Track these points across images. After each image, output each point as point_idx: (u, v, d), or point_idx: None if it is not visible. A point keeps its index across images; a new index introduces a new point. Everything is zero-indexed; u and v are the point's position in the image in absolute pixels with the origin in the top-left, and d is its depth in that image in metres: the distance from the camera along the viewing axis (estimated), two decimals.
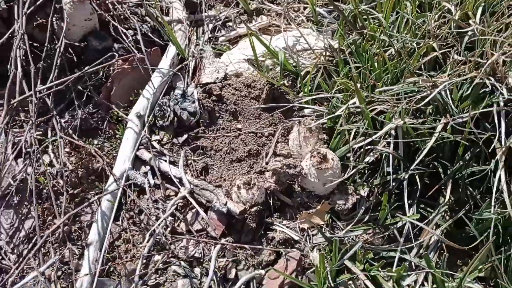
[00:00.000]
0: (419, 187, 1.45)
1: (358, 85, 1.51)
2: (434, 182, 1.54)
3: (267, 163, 1.63)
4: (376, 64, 1.70)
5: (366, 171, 1.60)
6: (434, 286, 1.41)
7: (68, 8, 1.75)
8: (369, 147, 1.51)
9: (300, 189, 1.59)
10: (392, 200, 1.52)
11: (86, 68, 1.68)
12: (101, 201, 1.52)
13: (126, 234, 1.50)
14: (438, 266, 1.44)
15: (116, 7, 1.97)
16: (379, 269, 1.42)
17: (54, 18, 1.79)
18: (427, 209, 1.55)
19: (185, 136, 1.72)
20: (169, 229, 1.50)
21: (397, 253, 1.45)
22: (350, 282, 1.43)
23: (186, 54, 1.95)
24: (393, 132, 1.51)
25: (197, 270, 1.45)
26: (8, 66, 1.65)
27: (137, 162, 1.68)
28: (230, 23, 2.12)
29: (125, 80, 1.78)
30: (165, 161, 1.65)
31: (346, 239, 1.48)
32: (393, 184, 1.51)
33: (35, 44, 1.77)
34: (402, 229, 1.50)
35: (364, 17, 1.91)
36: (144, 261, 1.43)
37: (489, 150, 1.42)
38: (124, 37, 1.83)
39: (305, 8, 2.13)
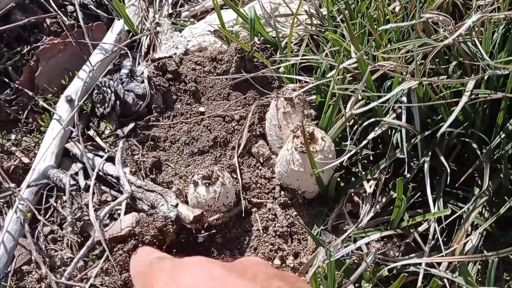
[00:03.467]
0: (448, 171, 1.02)
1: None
2: (463, 166, 1.13)
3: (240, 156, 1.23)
4: (376, 26, 1.31)
5: (371, 157, 1.19)
6: None
7: None
8: (372, 120, 1.10)
9: (280, 188, 1.18)
10: (408, 194, 1.10)
11: None
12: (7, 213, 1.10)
13: (40, 256, 1.08)
14: (478, 281, 1.02)
15: None
16: None
17: None
18: (457, 203, 1.13)
19: (132, 125, 1.32)
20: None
21: (422, 267, 1.02)
22: None
23: (138, 30, 1.57)
24: (404, 99, 1.10)
25: None
26: None
27: (67, 160, 1.27)
28: None
29: (56, 59, 1.39)
30: (102, 157, 1.24)
31: (347, 250, 1.05)
32: (409, 174, 1.11)
33: None
34: (426, 233, 1.08)
35: None
36: None
37: None
38: (49, 5, 1.45)
39: None
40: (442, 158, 1.07)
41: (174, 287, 0.51)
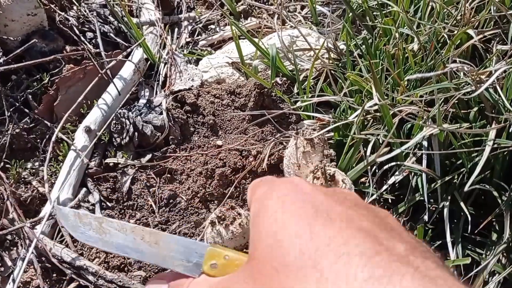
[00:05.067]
0: (469, 218, 1.02)
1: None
2: (480, 209, 1.13)
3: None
4: (394, 64, 1.32)
5: (390, 200, 1.19)
6: None
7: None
8: (392, 164, 1.10)
9: None
10: (427, 239, 1.10)
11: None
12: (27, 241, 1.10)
13: None
14: None
15: (73, 4, 1.63)
16: None
17: None
18: (475, 249, 1.12)
19: (149, 156, 1.32)
20: None
21: None
22: None
23: (156, 59, 1.58)
24: (425, 143, 1.11)
25: None
26: None
27: (84, 190, 1.27)
28: (213, 26, 1.77)
29: (75, 88, 1.40)
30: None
31: None
32: (426, 216, 1.10)
33: None
34: None
35: (374, 13, 1.56)
36: None
37: None
38: (73, 33, 1.47)
39: (302, 8, 1.78)
40: (462, 204, 1.07)
41: (269, 193, 0.56)
